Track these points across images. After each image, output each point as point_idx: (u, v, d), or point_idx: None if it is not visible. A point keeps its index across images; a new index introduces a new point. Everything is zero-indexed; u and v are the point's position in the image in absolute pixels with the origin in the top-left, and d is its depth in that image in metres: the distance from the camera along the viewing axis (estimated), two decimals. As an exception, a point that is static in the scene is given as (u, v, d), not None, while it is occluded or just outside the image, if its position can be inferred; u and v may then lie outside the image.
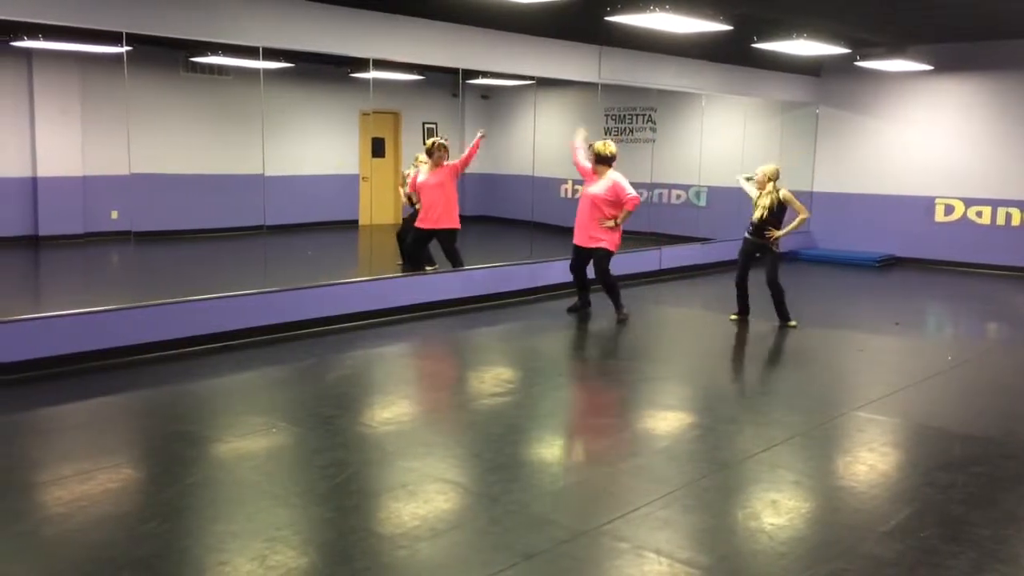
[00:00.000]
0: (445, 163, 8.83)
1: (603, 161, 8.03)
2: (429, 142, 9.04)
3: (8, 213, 11.88)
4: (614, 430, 5.40)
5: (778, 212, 7.83)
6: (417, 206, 9.25)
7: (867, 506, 4.12)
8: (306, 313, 7.52)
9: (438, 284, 8.66)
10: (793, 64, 11.99)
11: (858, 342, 7.87)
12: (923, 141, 12.39)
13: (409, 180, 9.54)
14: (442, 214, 8.81)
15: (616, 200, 7.97)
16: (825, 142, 13.24)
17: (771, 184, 7.83)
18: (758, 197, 7.90)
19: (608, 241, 8.08)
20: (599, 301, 8.47)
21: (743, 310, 8.29)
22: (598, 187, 8.03)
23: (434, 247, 9.13)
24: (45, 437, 5.04)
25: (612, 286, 8.22)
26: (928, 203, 12.40)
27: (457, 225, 8.92)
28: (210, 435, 5.06)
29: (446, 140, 9.05)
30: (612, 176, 8.01)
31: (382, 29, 8.13)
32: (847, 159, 13.03)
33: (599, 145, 8.09)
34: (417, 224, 9.07)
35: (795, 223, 7.88)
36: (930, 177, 12.34)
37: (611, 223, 8.00)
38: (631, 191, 7.98)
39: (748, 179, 8.16)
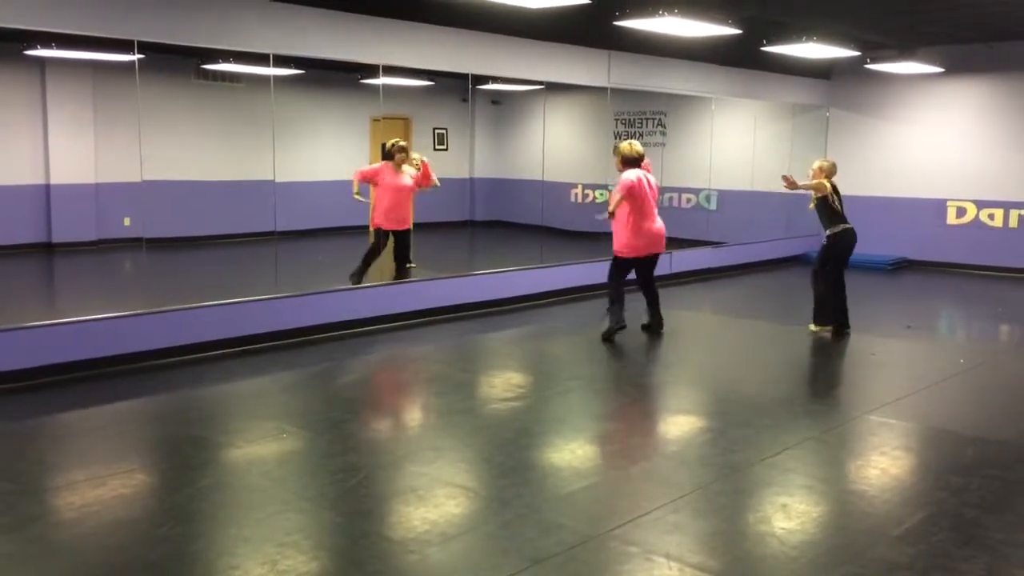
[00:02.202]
0: (405, 167, 8.81)
1: (632, 163, 7.51)
2: (391, 143, 8.94)
3: (22, 220, 11.95)
4: (624, 434, 5.40)
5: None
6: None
7: (879, 510, 4.10)
8: (320, 318, 7.55)
9: (450, 289, 8.68)
10: (803, 67, 11.96)
11: (870, 345, 7.84)
12: (934, 143, 12.33)
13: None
14: (407, 215, 8.89)
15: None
16: (836, 145, 13.18)
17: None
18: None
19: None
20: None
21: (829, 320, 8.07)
22: (648, 175, 7.56)
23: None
24: (59, 442, 5.08)
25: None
26: (940, 205, 12.33)
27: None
28: (222, 440, 5.08)
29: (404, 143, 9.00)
30: (638, 173, 7.49)
31: (392, 35, 8.17)
32: (858, 162, 12.97)
33: (624, 146, 7.60)
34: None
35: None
36: (942, 179, 12.28)
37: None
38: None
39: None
